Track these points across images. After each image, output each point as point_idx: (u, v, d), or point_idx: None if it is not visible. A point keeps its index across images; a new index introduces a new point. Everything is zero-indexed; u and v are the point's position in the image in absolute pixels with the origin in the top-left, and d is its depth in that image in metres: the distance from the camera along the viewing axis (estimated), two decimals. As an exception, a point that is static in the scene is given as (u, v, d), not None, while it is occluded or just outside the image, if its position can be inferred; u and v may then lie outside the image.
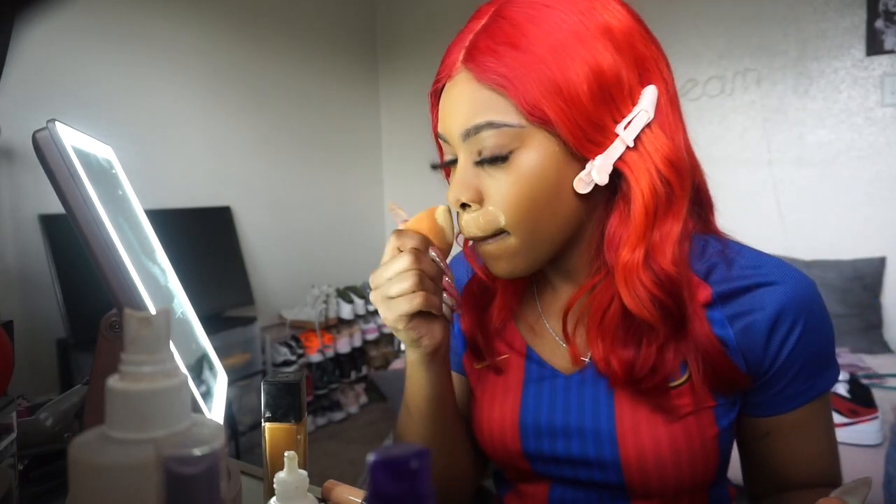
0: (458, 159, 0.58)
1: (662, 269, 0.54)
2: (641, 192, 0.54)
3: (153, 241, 0.72)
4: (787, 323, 0.57)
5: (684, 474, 0.58)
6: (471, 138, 0.55)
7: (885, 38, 2.63)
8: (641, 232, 0.54)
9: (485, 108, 0.54)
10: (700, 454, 0.58)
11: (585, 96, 0.52)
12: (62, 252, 2.15)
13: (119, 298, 0.50)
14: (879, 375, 2.23)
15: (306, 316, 3.20)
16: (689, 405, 0.58)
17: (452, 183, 0.58)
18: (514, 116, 0.53)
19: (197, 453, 0.23)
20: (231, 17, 3.06)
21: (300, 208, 3.48)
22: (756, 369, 0.59)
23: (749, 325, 0.58)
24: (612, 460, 0.59)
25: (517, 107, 0.52)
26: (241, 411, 2.69)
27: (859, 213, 2.73)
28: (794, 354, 0.58)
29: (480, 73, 0.53)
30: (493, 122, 0.53)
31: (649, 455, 0.57)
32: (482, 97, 0.54)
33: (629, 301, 0.55)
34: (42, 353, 2.23)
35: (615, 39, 0.53)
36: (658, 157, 0.54)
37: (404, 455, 0.23)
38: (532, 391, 0.65)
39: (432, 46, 4.05)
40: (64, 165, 0.49)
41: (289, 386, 0.58)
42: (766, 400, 0.61)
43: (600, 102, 0.53)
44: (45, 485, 0.68)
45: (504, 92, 0.53)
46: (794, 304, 0.57)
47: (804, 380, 0.59)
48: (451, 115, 0.57)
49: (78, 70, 2.38)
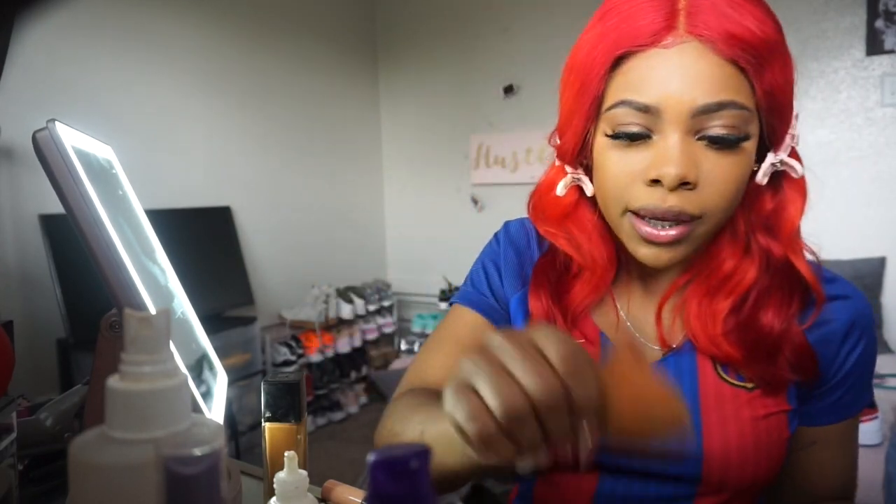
0: (656, 134, 0.53)
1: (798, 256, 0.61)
2: (801, 188, 0.59)
3: (153, 241, 0.72)
4: (855, 336, 0.61)
5: (760, 471, 0.59)
6: (709, 114, 0.51)
7: (885, 38, 2.63)
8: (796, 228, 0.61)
9: (728, 87, 0.51)
10: (776, 454, 0.60)
11: (790, 98, 0.55)
12: (62, 252, 2.15)
13: (119, 298, 0.50)
14: (879, 375, 2.23)
15: (306, 316, 3.19)
16: (771, 406, 0.60)
17: (673, 157, 0.52)
18: (751, 101, 0.52)
19: (197, 453, 0.23)
20: (231, 17, 3.06)
21: (300, 208, 3.48)
22: (823, 376, 0.61)
23: (826, 333, 0.60)
24: (694, 453, 0.59)
25: (756, 90, 0.52)
26: (241, 411, 2.69)
27: (859, 213, 2.73)
28: (854, 368, 0.61)
29: (728, 51, 0.50)
30: (737, 102, 0.51)
31: (734, 450, 0.58)
32: (726, 73, 0.51)
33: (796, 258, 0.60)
34: (42, 353, 2.23)
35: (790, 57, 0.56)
36: (801, 166, 0.59)
37: (404, 455, 0.23)
38: None
39: (432, 46, 4.07)
40: (64, 165, 0.49)
41: (289, 386, 0.58)
42: (822, 409, 0.63)
43: (791, 106, 0.56)
44: (45, 485, 0.68)
45: (749, 74, 0.51)
46: (862, 320, 0.61)
47: (854, 393, 0.63)
48: (679, 85, 0.51)
49: (78, 70, 2.38)
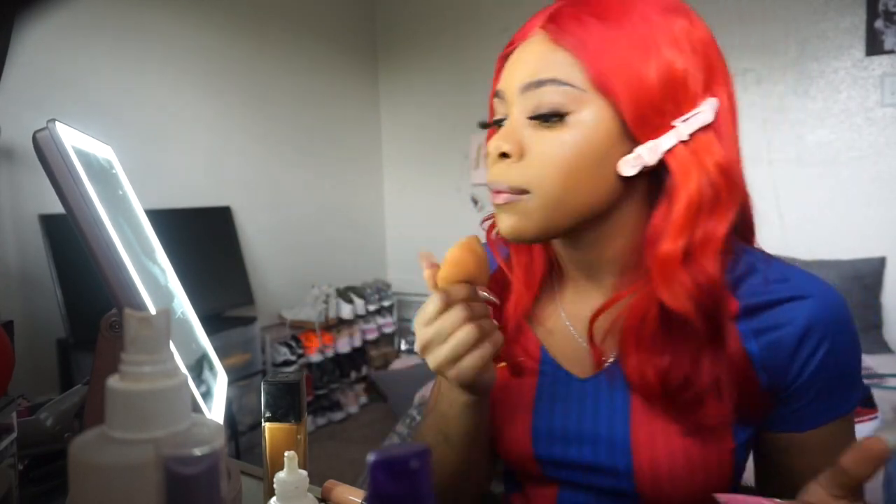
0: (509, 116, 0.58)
1: (704, 270, 0.53)
2: (687, 188, 0.54)
3: (153, 241, 0.72)
4: (814, 339, 0.56)
5: (697, 486, 0.57)
6: (531, 91, 0.55)
7: (884, 38, 2.63)
8: (682, 225, 0.54)
9: (553, 66, 0.54)
10: (715, 467, 0.57)
11: (654, 84, 0.53)
12: (62, 252, 2.14)
13: (119, 298, 0.50)
14: (879, 375, 2.23)
15: (306, 316, 3.19)
16: (711, 418, 0.57)
17: (498, 133, 0.57)
18: (580, 80, 0.54)
19: (197, 453, 0.23)
20: (231, 17, 3.06)
21: (300, 208, 3.48)
22: (778, 384, 0.57)
23: (776, 340, 0.56)
24: (624, 469, 0.58)
25: (586, 71, 0.53)
26: (241, 411, 2.69)
27: (859, 213, 2.73)
28: (817, 372, 0.56)
29: (558, 35, 0.55)
30: (557, 79, 0.54)
31: (663, 465, 0.57)
32: (554, 56, 0.55)
33: (666, 295, 0.54)
34: (42, 353, 2.23)
35: (693, 44, 0.55)
36: (710, 160, 0.54)
37: (404, 455, 0.23)
38: (546, 395, 0.64)
39: (432, 46, 4.07)
40: (64, 165, 0.49)
41: (289, 386, 0.58)
42: (786, 416, 0.59)
43: (666, 95, 0.54)
44: (45, 485, 0.68)
45: (577, 55, 0.54)
46: (822, 321, 0.56)
47: (826, 399, 0.58)
48: (516, 69, 0.57)
49: (78, 70, 2.38)
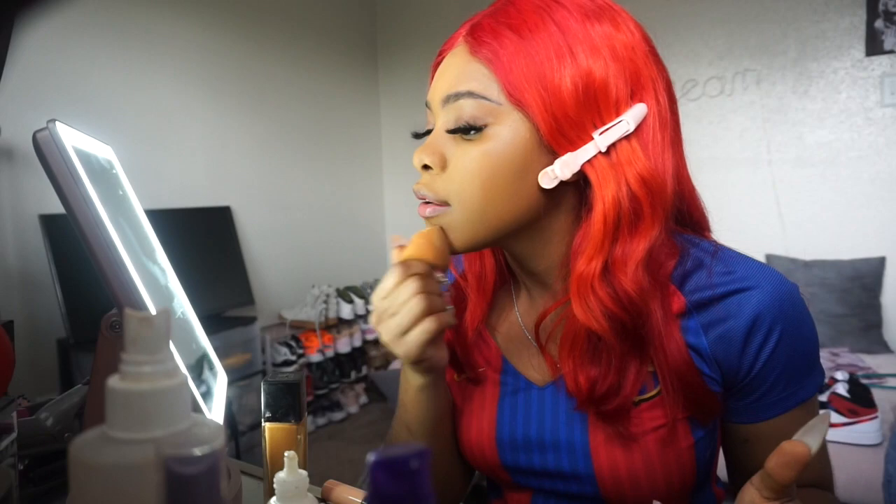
0: None
1: (623, 286, 0.53)
2: (603, 201, 0.53)
3: (153, 241, 0.72)
4: (763, 330, 0.55)
5: (659, 485, 0.57)
6: (450, 104, 0.56)
7: (884, 38, 2.63)
8: (599, 242, 0.53)
9: (470, 79, 0.55)
10: (675, 465, 0.57)
11: (569, 94, 0.52)
12: (62, 252, 2.14)
13: (119, 298, 0.50)
14: (879, 375, 2.23)
15: (306, 316, 3.19)
16: (662, 417, 0.57)
17: (422, 145, 0.58)
18: (495, 93, 0.54)
19: (197, 453, 0.23)
20: (231, 17, 3.06)
21: (300, 208, 3.48)
22: (732, 377, 0.57)
23: (724, 333, 0.56)
24: (586, 473, 0.59)
25: (500, 84, 0.54)
26: (241, 411, 2.69)
27: (859, 213, 2.73)
28: (771, 362, 0.56)
29: (475, 47, 0.55)
30: (473, 93, 0.54)
31: (622, 469, 0.57)
32: (471, 69, 0.55)
33: (579, 313, 0.54)
34: (42, 353, 2.23)
35: (615, 50, 0.53)
36: (630, 172, 0.53)
37: (404, 455, 0.23)
38: (508, 404, 0.65)
39: (432, 46, 4.04)
40: (64, 165, 0.49)
41: (289, 386, 0.58)
42: (744, 407, 0.59)
43: (583, 105, 0.52)
44: (45, 485, 0.68)
45: (491, 67, 0.54)
46: (770, 310, 0.55)
47: (783, 388, 0.57)
48: (439, 80, 0.58)
49: (78, 70, 2.38)
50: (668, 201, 0.55)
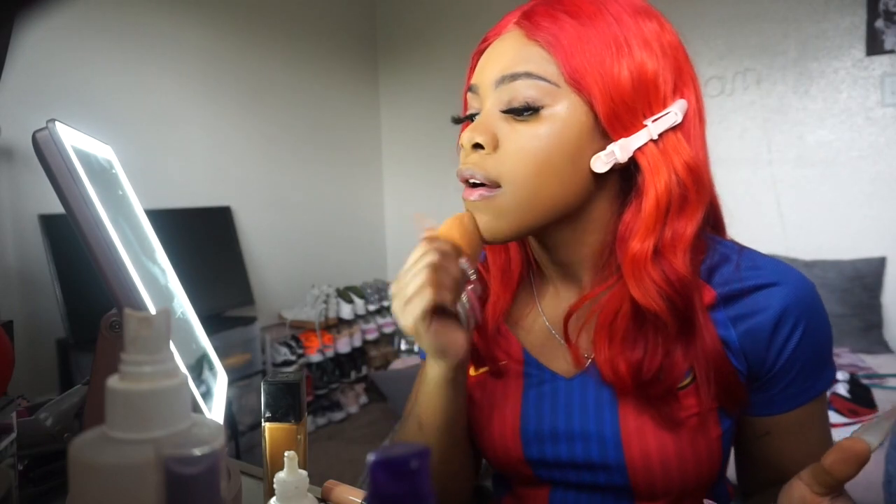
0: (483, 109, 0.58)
1: (673, 268, 0.55)
2: (656, 186, 0.55)
3: (153, 241, 0.72)
4: (789, 324, 0.58)
5: (689, 475, 0.58)
6: (505, 85, 0.56)
7: (885, 38, 2.63)
8: (652, 224, 0.55)
9: (527, 60, 0.55)
10: (705, 455, 0.58)
11: (626, 83, 0.54)
12: (62, 252, 2.14)
13: (119, 298, 0.50)
14: (879, 375, 2.23)
15: (306, 316, 3.19)
16: (695, 406, 0.58)
17: (472, 125, 0.58)
18: (554, 75, 0.55)
19: (197, 453, 0.23)
20: (231, 17, 3.05)
21: (300, 208, 3.48)
22: (758, 370, 0.59)
23: (752, 327, 0.58)
24: (616, 463, 0.59)
25: (560, 67, 0.54)
26: (241, 411, 2.69)
27: (859, 213, 2.73)
28: (795, 355, 0.58)
29: (532, 30, 0.56)
30: (531, 73, 0.55)
31: (655, 458, 0.57)
32: (528, 51, 0.56)
33: (637, 292, 0.55)
34: (42, 353, 2.23)
35: (663, 47, 0.56)
36: (678, 160, 0.55)
37: (404, 455, 0.23)
38: (532, 396, 0.65)
39: (432, 47, 4.07)
40: (64, 165, 0.49)
41: (289, 386, 0.58)
42: (767, 399, 0.61)
43: (638, 93, 0.55)
44: (45, 485, 0.68)
45: (551, 51, 0.54)
46: (795, 306, 0.58)
47: (804, 380, 0.60)
48: (490, 63, 0.58)
49: (78, 70, 2.38)
50: (709, 190, 0.58)
